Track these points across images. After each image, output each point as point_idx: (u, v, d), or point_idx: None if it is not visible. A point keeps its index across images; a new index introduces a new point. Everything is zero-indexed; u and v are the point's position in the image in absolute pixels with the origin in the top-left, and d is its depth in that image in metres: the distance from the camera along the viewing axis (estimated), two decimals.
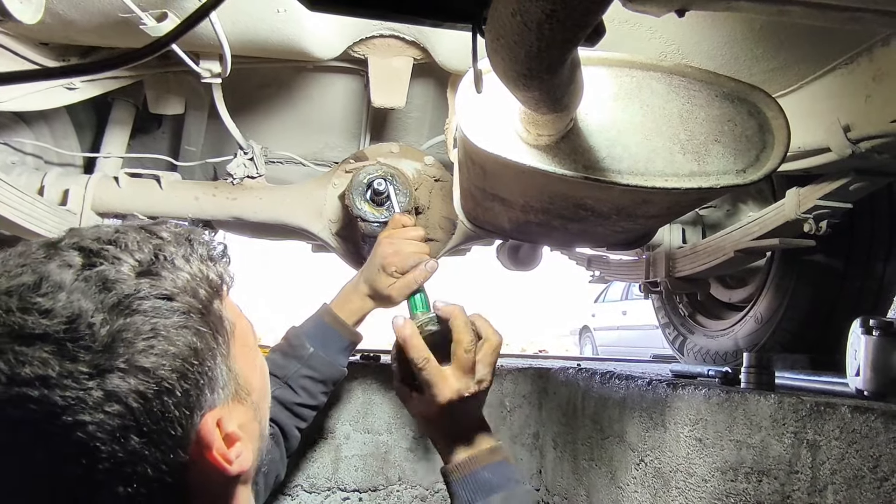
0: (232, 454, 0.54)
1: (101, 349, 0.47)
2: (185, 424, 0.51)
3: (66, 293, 0.47)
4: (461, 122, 0.89)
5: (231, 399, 0.57)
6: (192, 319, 0.52)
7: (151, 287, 0.51)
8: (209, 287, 0.56)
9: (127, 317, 0.48)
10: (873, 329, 0.95)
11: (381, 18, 0.60)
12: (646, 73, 0.92)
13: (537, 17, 0.43)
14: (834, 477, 0.83)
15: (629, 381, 1.43)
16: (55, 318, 0.46)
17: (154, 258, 0.53)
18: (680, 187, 0.87)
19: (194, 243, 0.57)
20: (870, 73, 1.10)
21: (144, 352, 0.48)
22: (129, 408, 0.47)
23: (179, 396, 0.50)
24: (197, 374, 0.52)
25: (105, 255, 0.51)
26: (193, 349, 0.51)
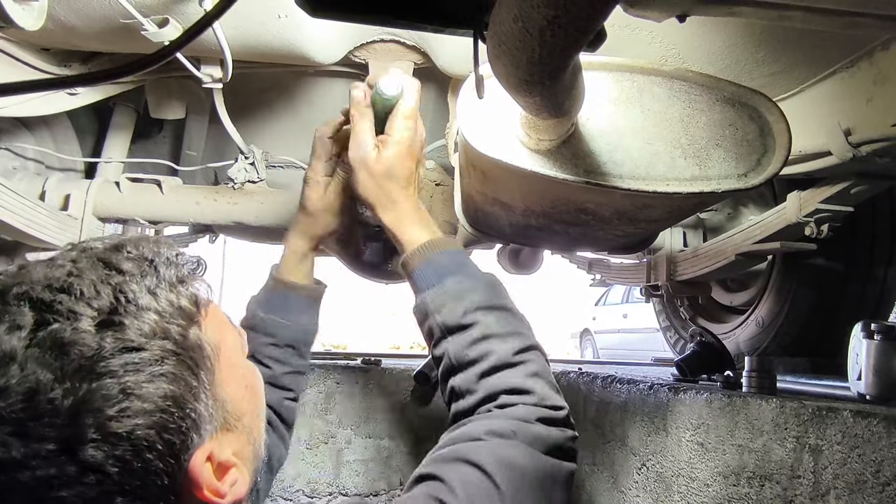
0: (226, 485, 0.53)
1: (67, 423, 0.44)
2: (171, 471, 0.48)
3: (19, 365, 0.44)
4: (462, 126, 0.90)
5: (220, 429, 0.54)
6: (166, 365, 0.49)
7: (115, 341, 0.46)
8: (182, 318, 0.52)
9: (92, 381, 0.45)
10: (875, 333, 0.95)
11: (382, 24, 0.60)
12: (647, 78, 0.92)
13: (539, 23, 0.43)
14: (836, 481, 0.82)
15: (631, 385, 1.43)
16: (10, 397, 0.43)
17: (115, 302, 0.48)
18: (681, 192, 0.87)
19: (159, 268, 0.52)
20: (870, 77, 1.10)
21: (116, 418, 0.45)
22: (108, 474, 0.45)
23: (162, 449, 0.47)
24: (178, 420, 0.49)
25: (59, 309, 0.46)
26: (172, 398, 0.48)
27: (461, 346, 0.79)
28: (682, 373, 1.49)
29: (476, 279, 0.85)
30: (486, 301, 0.82)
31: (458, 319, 0.80)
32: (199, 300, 0.54)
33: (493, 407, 0.75)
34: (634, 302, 8.26)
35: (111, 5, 1.01)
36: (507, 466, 0.66)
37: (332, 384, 1.77)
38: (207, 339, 0.54)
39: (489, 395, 0.76)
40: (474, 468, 0.66)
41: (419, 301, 0.85)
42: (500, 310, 0.82)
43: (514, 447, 0.69)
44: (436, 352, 0.83)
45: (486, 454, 0.67)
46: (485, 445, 0.69)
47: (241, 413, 0.57)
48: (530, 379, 0.77)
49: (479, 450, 0.68)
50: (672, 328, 2.57)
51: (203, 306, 0.55)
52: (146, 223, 1.75)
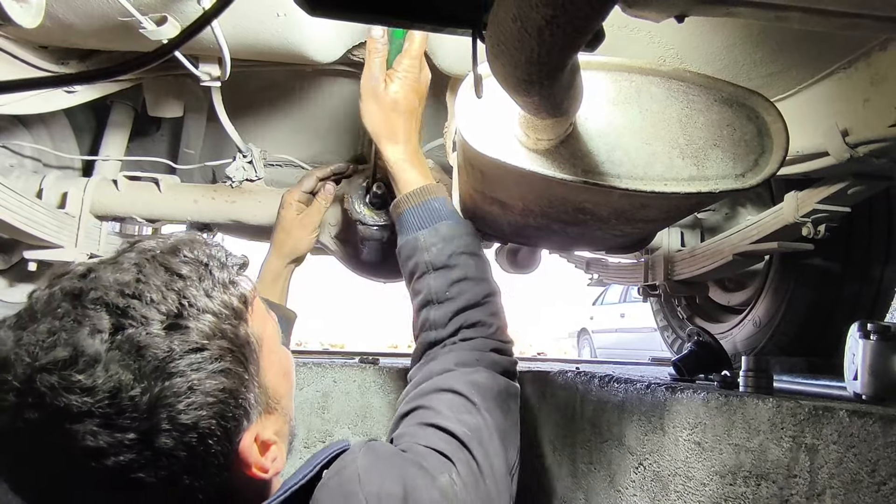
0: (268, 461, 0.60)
1: (144, 416, 0.50)
2: (226, 453, 0.56)
3: (103, 366, 0.50)
4: (461, 125, 0.90)
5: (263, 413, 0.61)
6: (223, 362, 0.55)
7: (182, 343, 0.53)
8: (234, 317, 0.58)
9: (165, 381, 0.51)
10: (871, 333, 0.95)
11: (381, 24, 0.60)
12: (645, 78, 0.92)
13: (537, 22, 0.43)
14: (832, 481, 0.83)
15: (628, 384, 1.43)
16: (97, 394, 0.49)
17: (179, 307, 0.54)
18: (679, 192, 0.87)
19: (213, 271, 0.58)
20: (867, 78, 1.11)
21: (184, 411, 0.52)
22: (177, 458, 0.52)
23: (220, 436, 0.55)
24: (233, 409, 0.56)
25: (133, 314, 0.52)
26: (228, 391, 0.55)
27: (443, 283, 0.93)
28: (679, 372, 1.50)
29: (463, 226, 0.99)
30: (468, 247, 0.96)
31: (444, 260, 0.93)
32: (247, 298, 0.60)
33: (457, 340, 0.90)
34: (632, 301, 8.27)
35: (109, 3, 1.00)
36: (476, 386, 0.83)
37: (330, 382, 1.77)
38: (253, 332, 0.61)
39: (457, 328, 0.91)
40: (451, 393, 0.81)
41: (411, 237, 0.95)
42: (478, 257, 0.98)
43: (478, 372, 0.85)
44: (416, 286, 0.95)
45: (457, 380, 0.83)
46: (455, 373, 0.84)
47: (280, 396, 0.65)
48: (490, 317, 0.93)
49: (451, 378, 0.84)
50: (669, 328, 2.58)
51: (249, 303, 0.61)
52: (144, 221, 1.75)
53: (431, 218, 0.96)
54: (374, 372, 1.81)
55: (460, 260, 0.94)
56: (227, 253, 0.62)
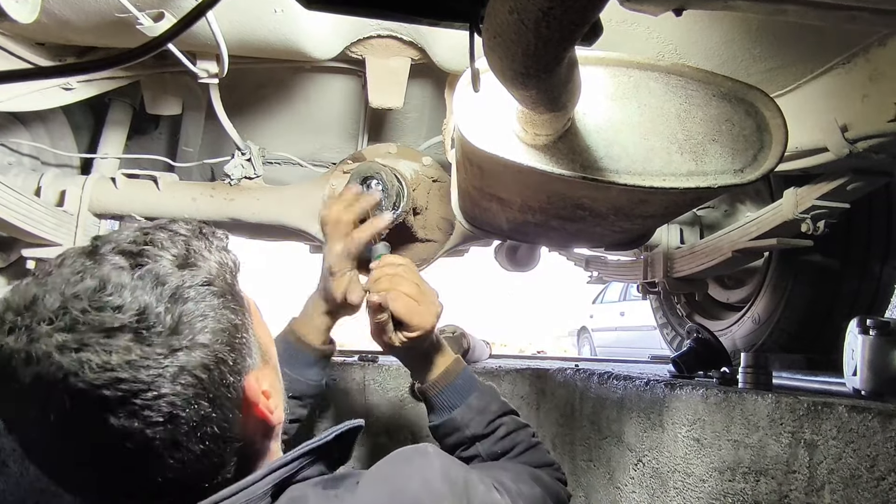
0: (272, 405, 0.65)
1: (169, 333, 0.55)
2: (237, 387, 0.60)
3: (130, 290, 0.55)
4: (459, 121, 0.89)
5: (260, 362, 0.66)
6: (227, 300, 0.61)
7: (193, 277, 0.59)
8: (231, 272, 0.65)
9: (182, 304, 0.57)
10: (870, 329, 0.95)
11: (377, 17, 0.60)
12: (643, 73, 0.92)
13: (535, 14, 0.43)
14: (831, 476, 0.83)
15: (627, 381, 1.43)
16: (127, 311, 0.54)
17: (187, 252, 0.61)
18: (678, 187, 0.87)
19: (209, 236, 0.65)
20: (866, 73, 1.10)
21: (202, 331, 0.57)
22: (198, 378, 0.56)
23: (231, 364, 0.59)
24: (239, 344, 0.61)
25: (147, 253, 0.58)
26: (234, 324, 0.61)
27: (489, 445, 1.02)
28: (678, 369, 1.49)
29: (488, 393, 1.07)
30: (501, 409, 1.05)
31: (484, 429, 1.02)
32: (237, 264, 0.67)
33: None
34: (632, 299, 8.27)
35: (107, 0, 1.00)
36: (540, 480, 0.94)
37: (330, 381, 1.77)
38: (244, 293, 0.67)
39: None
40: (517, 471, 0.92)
41: (447, 418, 1.04)
42: (509, 413, 1.06)
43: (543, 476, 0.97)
44: (464, 454, 1.03)
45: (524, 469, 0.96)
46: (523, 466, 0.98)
47: (270, 354, 0.70)
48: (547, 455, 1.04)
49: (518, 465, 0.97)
50: (669, 325, 2.58)
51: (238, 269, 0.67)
52: (142, 219, 1.75)
53: (460, 396, 1.04)
54: (374, 370, 1.80)
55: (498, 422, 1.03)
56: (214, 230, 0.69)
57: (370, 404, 1.78)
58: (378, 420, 1.77)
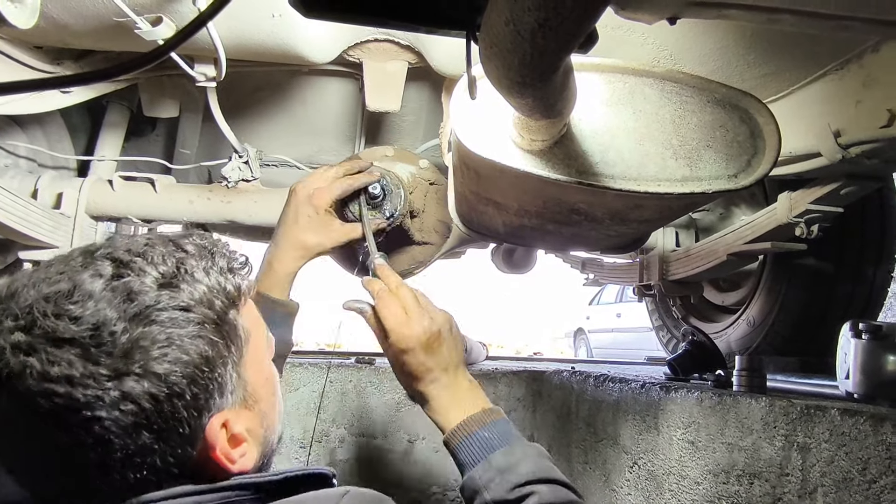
0: (236, 454, 0.60)
1: (120, 354, 0.52)
2: (192, 424, 0.56)
3: (94, 302, 0.53)
4: (456, 127, 0.90)
5: (239, 404, 0.61)
6: (205, 329, 0.57)
7: (170, 298, 0.55)
8: (225, 298, 0.60)
9: (145, 326, 0.54)
10: (863, 333, 0.96)
11: (375, 25, 0.61)
12: (638, 79, 0.93)
13: (530, 25, 0.43)
14: (824, 479, 0.83)
15: (623, 384, 1.44)
16: (83, 324, 0.52)
17: (176, 271, 0.57)
18: (672, 192, 0.88)
19: (216, 256, 0.61)
20: (860, 79, 1.12)
21: (158, 359, 0.53)
22: (142, 408, 0.52)
23: (189, 399, 0.55)
24: (207, 379, 0.56)
25: (133, 266, 0.56)
26: (205, 357, 0.56)
27: None
28: (673, 372, 1.50)
29: (521, 450, 0.86)
30: (534, 472, 0.82)
31: (506, 493, 0.80)
32: (242, 290, 0.62)
33: None
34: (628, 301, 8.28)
35: (104, 4, 1.00)
36: None
37: (326, 383, 1.77)
38: (242, 323, 0.62)
39: None
40: None
41: (467, 478, 0.85)
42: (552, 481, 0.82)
43: None
44: None
45: None
46: None
47: (259, 398, 0.64)
48: None
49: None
50: (664, 327, 2.59)
51: (244, 295, 0.63)
52: (139, 222, 1.75)
53: (482, 450, 0.86)
54: (370, 372, 1.81)
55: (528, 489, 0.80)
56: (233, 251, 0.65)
57: (366, 406, 1.78)
58: (374, 422, 1.77)
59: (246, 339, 0.62)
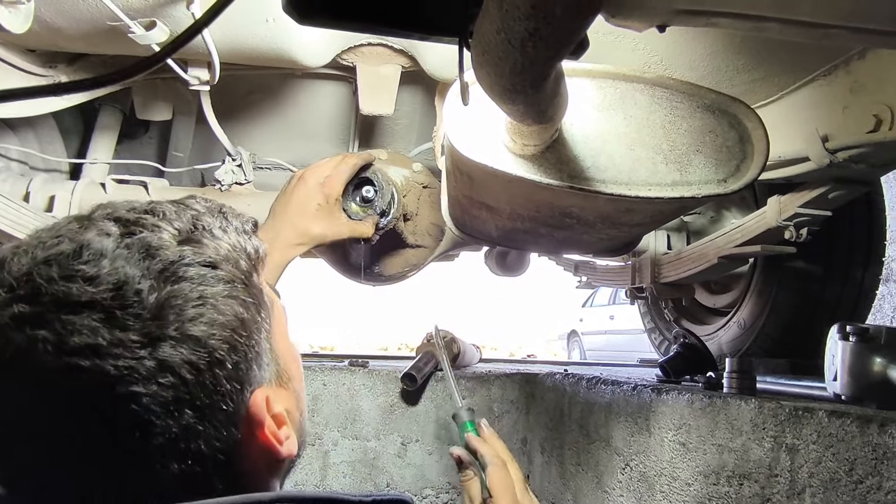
0: (282, 434, 0.53)
1: (150, 317, 0.45)
2: (236, 399, 0.49)
3: (109, 260, 0.45)
4: (449, 131, 0.91)
5: (275, 381, 0.54)
6: (237, 289, 0.50)
7: (195, 254, 0.48)
8: (248, 259, 0.53)
9: (174, 283, 0.46)
10: (850, 335, 0.98)
11: (370, 32, 0.61)
12: (629, 85, 0.94)
13: (521, 35, 0.44)
14: (811, 480, 0.85)
15: (615, 386, 1.45)
16: (101, 284, 0.44)
17: (193, 227, 0.51)
18: (662, 196, 0.89)
19: (228, 216, 0.55)
20: (847, 85, 1.13)
21: (194, 320, 0.46)
22: (183, 379, 0.45)
23: (230, 369, 0.48)
24: (245, 346, 0.49)
25: (144, 223, 0.49)
26: (241, 320, 0.49)
27: None
28: (665, 374, 1.51)
29: None
30: None
31: None
32: (260, 253, 0.56)
33: None
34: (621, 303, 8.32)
35: (98, 8, 1.00)
36: None
37: (320, 385, 1.78)
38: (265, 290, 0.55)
39: None
40: None
41: None
42: None
43: None
44: None
45: None
46: None
47: (291, 376, 0.57)
48: None
49: None
50: (657, 330, 2.61)
51: (261, 260, 0.56)
52: None
53: None
54: (364, 375, 1.81)
55: None
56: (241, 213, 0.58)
57: (360, 409, 1.78)
58: (368, 425, 1.77)
59: (271, 308, 0.56)
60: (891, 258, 3.62)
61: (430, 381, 1.81)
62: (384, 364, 2.02)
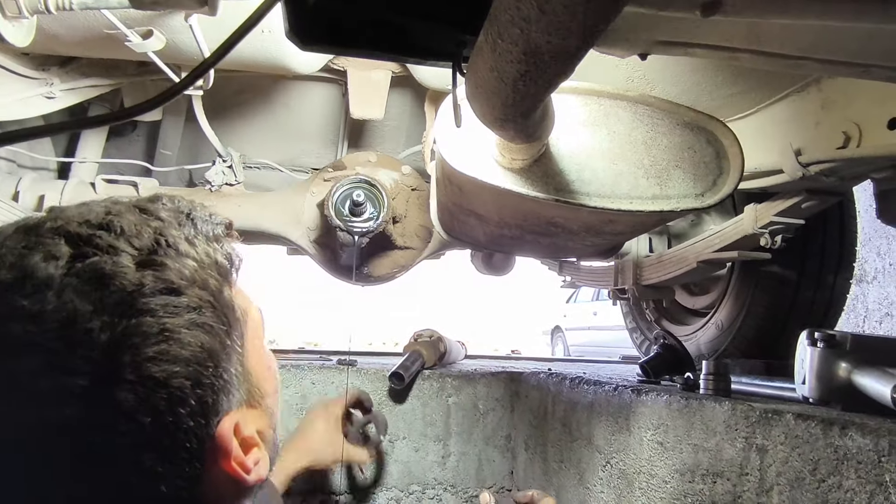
0: (250, 461, 0.49)
1: (102, 358, 0.40)
2: (200, 434, 0.45)
3: (55, 293, 0.40)
4: (440, 145, 0.94)
5: (245, 403, 0.51)
6: (203, 315, 0.45)
7: (156, 280, 0.43)
8: (218, 274, 0.48)
9: (131, 318, 0.41)
10: (818, 341, 1.03)
11: (368, 57, 0.64)
12: (613, 102, 0.98)
13: (512, 75, 0.48)
14: (779, 478, 0.90)
15: (597, 386, 1.50)
16: (45, 323, 0.39)
17: (155, 244, 0.45)
18: (643, 210, 0.94)
19: (197, 222, 0.49)
20: (818, 102, 1.19)
21: (154, 360, 0.41)
22: (140, 425, 0.41)
23: (194, 405, 0.44)
24: (212, 377, 0.45)
25: (98, 243, 0.43)
26: (207, 350, 0.45)
27: None
28: (645, 374, 1.57)
29: None
30: None
31: None
32: (233, 260, 0.51)
33: None
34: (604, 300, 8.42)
35: (96, 16, 1.02)
36: None
37: (308, 384, 1.80)
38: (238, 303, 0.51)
39: None
40: None
41: None
42: None
43: None
44: None
45: None
46: None
47: (265, 392, 0.54)
48: None
49: None
50: (638, 329, 2.67)
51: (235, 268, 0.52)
52: None
53: None
54: (353, 373, 1.84)
55: None
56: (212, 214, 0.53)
57: None
58: None
59: (244, 323, 0.51)
60: (863, 260, 3.73)
61: (416, 380, 1.85)
62: (372, 361, 2.06)
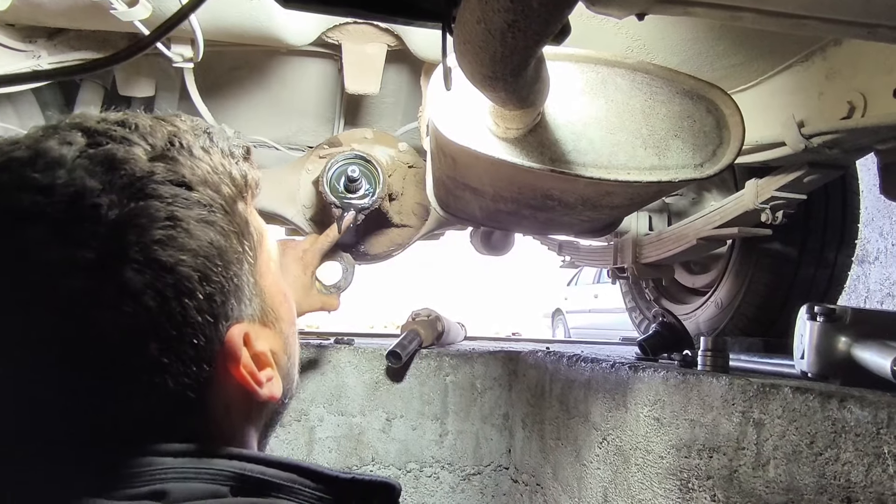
0: (262, 376, 0.47)
1: (109, 235, 0.40)
2: (208, 334, 0.44)
3: (67, 171, 0.41)
4: (432, 114, 0.92)
5: (258, 319, 0.49)
6: (214, 215, 0.44)
7: (167, 172, 0.43)
8: (232, 185, 0.47)
9: (139, 200, 0.41)
10: (818, 315, 1.01)
11: (353, 16, 0.62)
12: (610, 70, 0.96)
13: (500, 26, 0.46)
14: (776, 452, 0.89)
15: (594, 363, 1.49)
16: (54, 195, 0.40)
17: (169, 143, 0.45)
18: (641, 180, 0.92)
19: (214, 136, 0.49)
20: (823, 72, 1.16)
21: (161, 242, 0.41)
22: (146, 307, 0.40)
23: (202, 300, 0.43)
24: (222, 277, 0.44)
25: (112, 135, 0.43)
26: (217, 248, 0.44)
27: None
28: (643, 352, 1.56)
29: None
30: None
31: None
32: (249, 180, 0.50)
33: None
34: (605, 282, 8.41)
35: None
36: None
37: (305, 362, 1.80)
38: (253, 221, 0.50)
39: None
40: None
41: None
42: None
43: None
44: None
45: None
46: None
47: (279, 316, 0.52)
48: None
49: None
50: (637, 309, 2.66)
51: (251, 188, 0.51)
52: None
53: None
54: (349, 352, 1.84)
55: None
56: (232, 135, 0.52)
57: (345, 385, 1.81)
58: (353, 401, 1.81)
59: (259, 241, 0.50)
60: (865, 240, 3.70)
61: (414, 359, 1.84)
62: (369, 342, 2.05)
